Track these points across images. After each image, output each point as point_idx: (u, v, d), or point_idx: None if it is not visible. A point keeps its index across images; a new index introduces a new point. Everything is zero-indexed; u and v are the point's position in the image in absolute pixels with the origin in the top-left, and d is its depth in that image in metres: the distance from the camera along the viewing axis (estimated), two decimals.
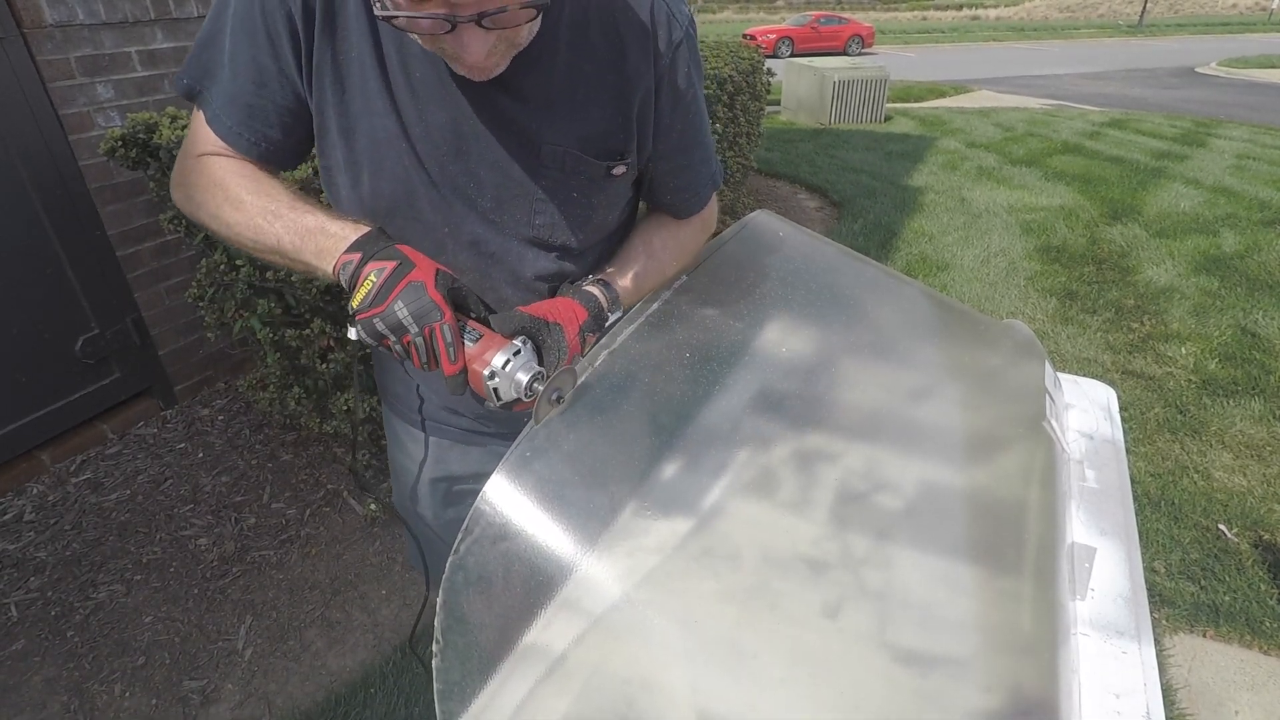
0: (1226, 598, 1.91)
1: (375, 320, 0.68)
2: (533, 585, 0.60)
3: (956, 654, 0.66)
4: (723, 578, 0.69)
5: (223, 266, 1.86)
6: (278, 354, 1.95)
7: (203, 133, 0.78)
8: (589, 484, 0.69)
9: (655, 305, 0.86)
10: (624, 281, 0.86)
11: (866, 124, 8.50)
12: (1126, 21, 34.93)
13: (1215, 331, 3.34)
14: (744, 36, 18.50)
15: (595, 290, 0.83)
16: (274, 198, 0.75)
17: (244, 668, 1.72)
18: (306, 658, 1.75)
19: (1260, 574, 1.99)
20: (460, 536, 0.60)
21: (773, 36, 19.84)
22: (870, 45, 21.56)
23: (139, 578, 1.95)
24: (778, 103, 9.25)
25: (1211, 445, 2.54)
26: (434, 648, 0.56)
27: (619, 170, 0.81)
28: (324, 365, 1.87)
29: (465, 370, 0.70)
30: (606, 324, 0.82)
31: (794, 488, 0.77)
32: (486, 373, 0.70)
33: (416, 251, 0.72)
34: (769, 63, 4.99)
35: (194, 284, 1.96)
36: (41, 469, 2.33)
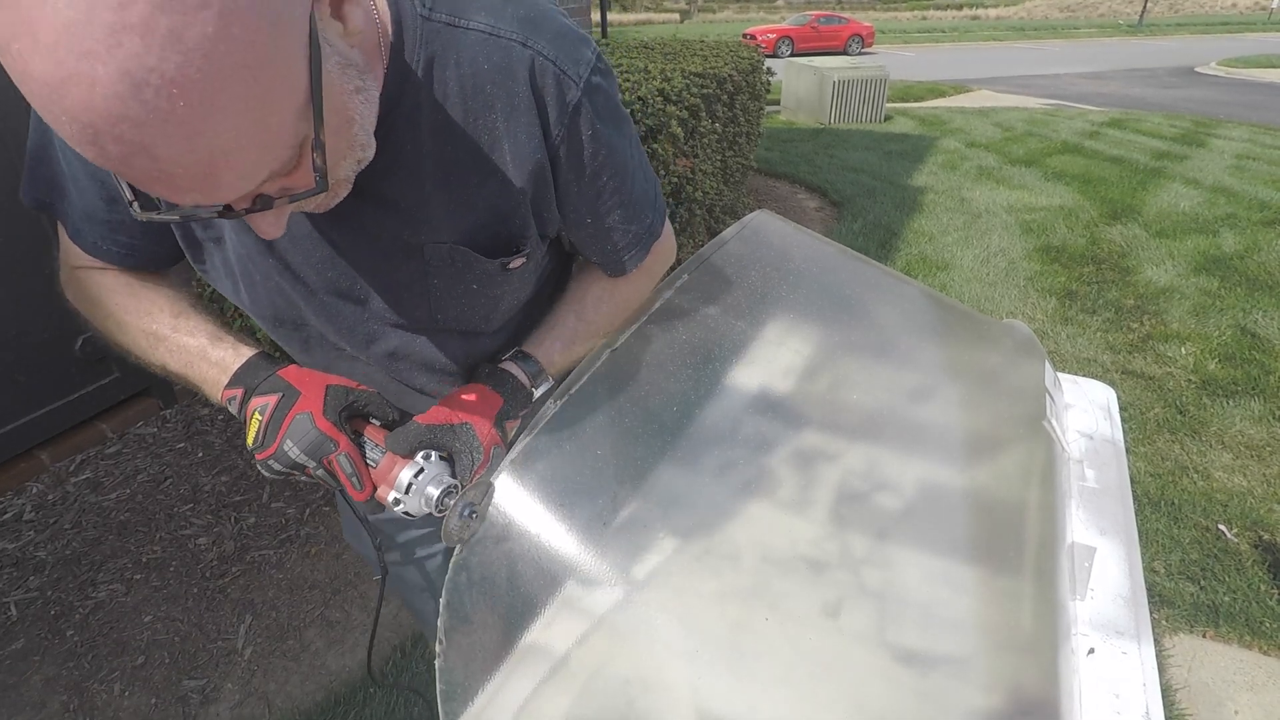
0: (1226, 598, 1.91)
1: (270, 462, 0.64)
2: (535, 585, 0.60)
3: (957, 654, 0.66)
4: (723, 577, 0.69)
5: None
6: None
7: (67, 247, 0.72)
8: (591, 484, 0.69)
9: (656, 305, 0.86)
10: (547, 351, 0.77)
11: (866, 124, 8.50)
12: (1126, 21, 34.95)
13: (1215, 331, 3.34)
14: (744, 36, 18.49)
15: (512, 368, 0.75)
16: (153, 317, 0.70)
17: (244, 667, 1.72)
18: (306, 657, 1.75)
19: (1260, 574, 1.99)
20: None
21: (772, 36, 19.84)
22: (870, 45, 21.57)
23: (138, 577, 1.95)
24: (777, 102, 9.25)
25: (1211, 445, 2.54)
26: (437, 647, 0.56)
27: (515, 264, 0.72)
28: None
29: (373, 498, 0.66)
30: (535, 399, 0.75)
31: (794, 487, 0.77)
32: (391, 498, 0.65)
33: (303, 373, 0.67)
34: (769, 62, 4.98)
35: (193, 283, 1.96)
36: (41, 468, 2.32)
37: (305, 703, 1.63)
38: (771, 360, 0.89)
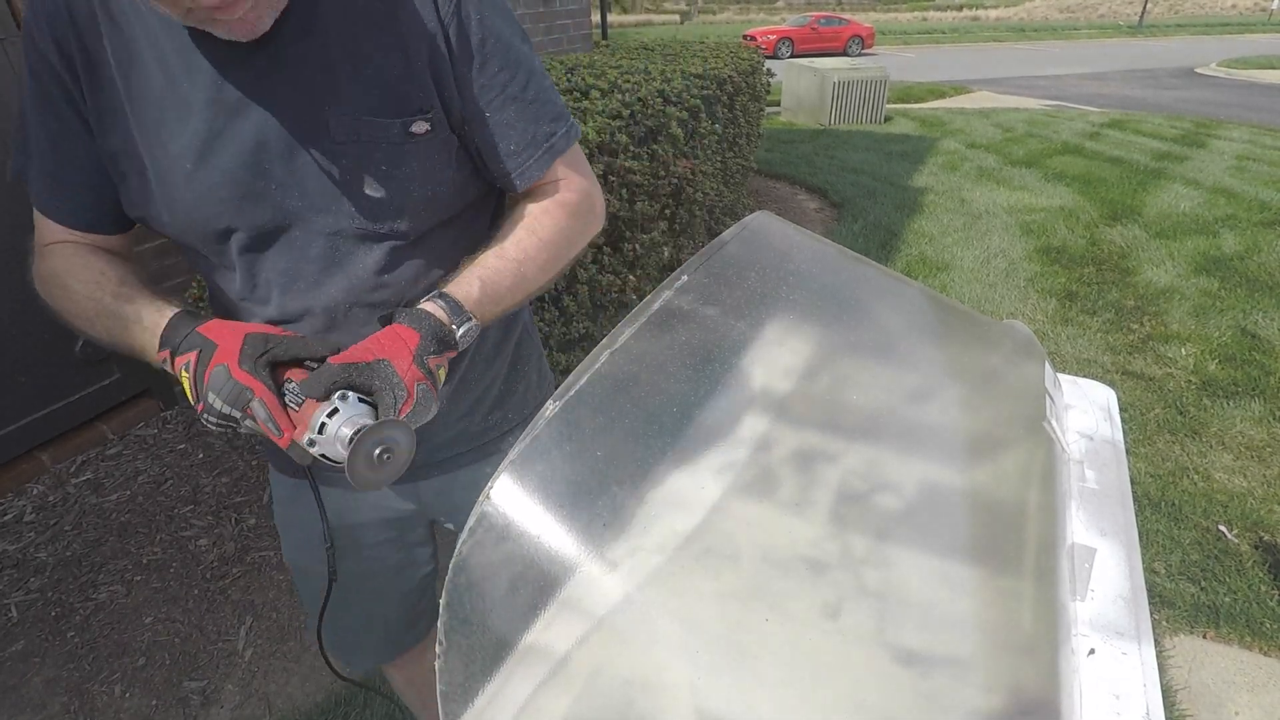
0: (1227, 599, 1.91)
1: (205, 416, 0.65)
2: (534, 586, 0.60)
3: (957, 654, 0.66)
4: (723, 578, 0.69)
5: None
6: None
7: (38, 219, 0.75)
8: (590, 484, 0.69)
9: (656, 305, 0.86)
10: (465, 287, 0.75)
11: (866, 125, 8.51)
12: (1126, 22, 34.96)
13: (1215, 332, 3.34)
14: (744, 37, 18.51)
15: (430, 306, 0.73)
16: (99, 285, 0.72)
17: (244, 668, 1.72)
18: (307, 658, 1.75)
19: (1260, 575, 1.99)
20: (463, 538, 0.61)
21: (773, 37, 19.86)
22: (870, 46, 21.58)
23: (139, 578, 1.96)
24: (777, 103, 9.26)
25: (1211, 446, 2.54)
26: (437, 648, 0.56)
27: (419, 128, 0.72)
28: None
29: (295, 444, 0.65)
30: (458, 337, 0.74)
31: (794, 488, 0.77)
32: (305, 440, 0.63)
33: (222, 325, 0.68)
34: (769, 63, 4.99)
35: (194, 284, 1.96)
36: (42, 469, 2.33)
37: (306, 704, 1.63)
38: (771, 361, 0.89)
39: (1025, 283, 3.94)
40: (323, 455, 0.64)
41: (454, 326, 0.73)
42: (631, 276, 2.58)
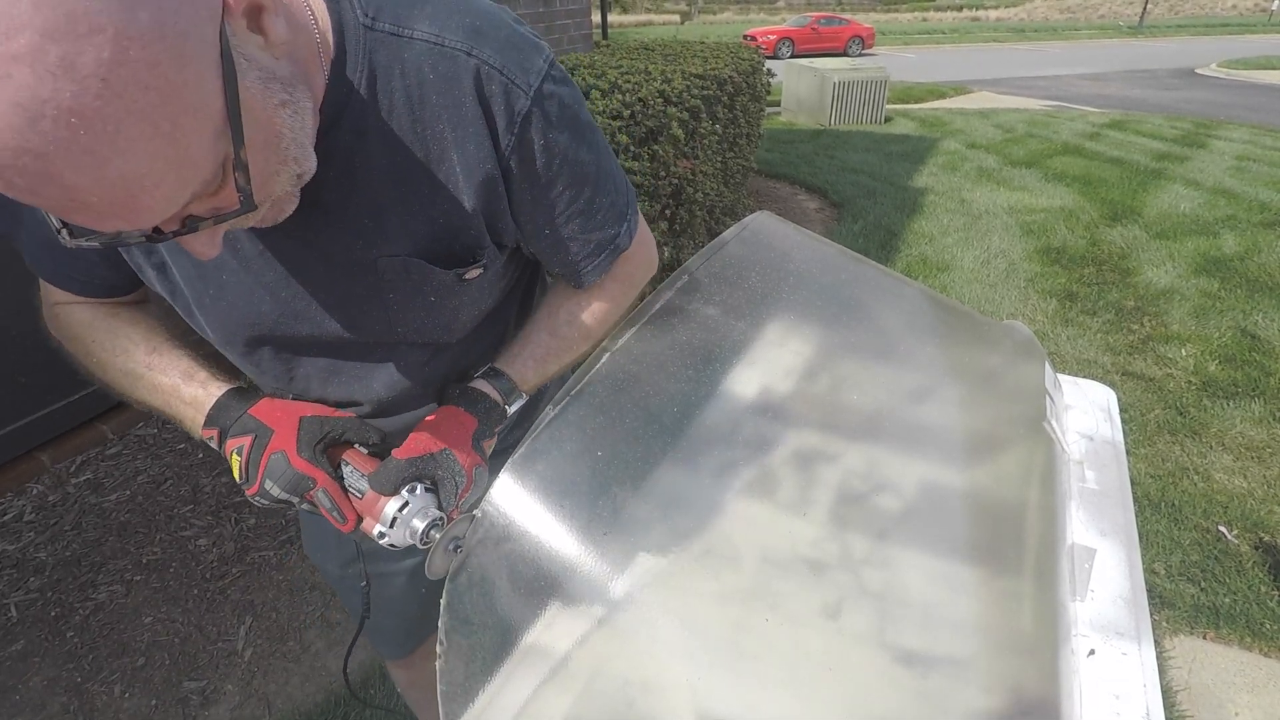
0: (1227, 599, 1.91)
1: (258, 499, 0.65)
2: (535, 586, 0.60)
3: (957, 655, 0.66)
4: (723, 578, 0.69)
5: None
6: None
7: (44, 285, 0.72)
8: (591, 485, 0.69)
9: (656, 305, 0.86)
10: (520, 369, 0.76)
11: (866, 125, 8.51)
12: (1127, 22, 34.97)
13: (1215, 333, 3.34)
14: (744, 37, 18.52)
15: (484, 386, 0.74)
16: (129, 354, 0.70)
17: (244, 668, 1.72)
18: (306, 658, 1.75)
19: (1260, 576, 1.99)
20: (464, 539, 0.61)
21: (773, 37, 19.86)
22: (870, 46, 21.59)
23: (139, 578, 1.95)
24: (778, 104, 9.26)
25: (1212, 447, 2.54)
26: (438, 649, 0.56)
27: (472, 274, 0.70)
28: None
29: (359, 528, 0.67)
30: (508, 415, 0.75)
31: (794, 488, 0.77)
32: (376, 532, 0.65)
33: (274, 406, 0.67)
34: (769, 64, 4.99)
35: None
36: (41, 469, 2.33)
37: (305, 704, 1.63)
38: (771, 361, 0.89)
39: (1025, 283, 3.94)
40: (389, 544, 0.66)
41: (506, 407, 0.74)
42: None
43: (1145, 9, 32.83)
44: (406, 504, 0.65)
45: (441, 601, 0.58)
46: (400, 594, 1.03)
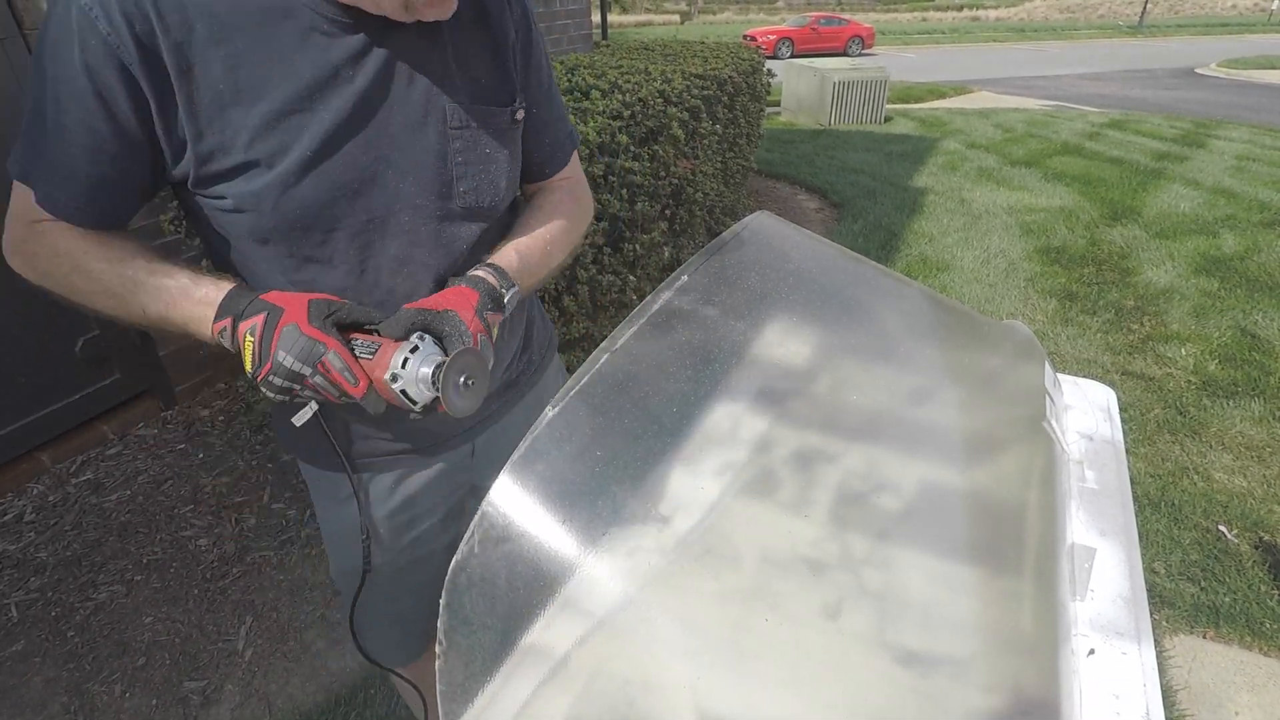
0: (1227, 599, 1.91)
1: (270, 379, 0.68)
2: (534, 586, 0.60)
3: (957, 654, 0.66)
4: (723, 578, 0.69)
5: None
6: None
7: (25, 202, 0.71)
8: (590, 485, 0.69)
9: (656, 305, 0.86)
10: (508, 260, 0.85)
11: (866, 125, 8.51)
12: (1126, 22, 34.97)
13: (1215, 333, 3.34)
14: (744, 37, 18.51)
15: (482, 273, 0.82)
16: (127, 263, 0.72)
17: (244, 668, 1.72)
18: (307, 658, 1.75)
19: (1260, 575, 1.99)
20: (465, 538, 0.61)
21: (773, 37, 19.86)
22: (870, 46, 21.58)
23: (139, 578, 1.96)
24: (778, 104, 9.26)
25: (1211, 446, 2.54)
26: (437, 648, 0.56)
27: (520, 114, 0.85)
28: None
29: (371, 389, 0.69)
30: (505, 301, 0.82)
31: (794, 488, 0.78)
32: (388, 377, 0.68)
33: (284, 293, 0.71)
34: (769, 64, 4.99)
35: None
36: (42, 469, 2.33)
37: (306, 704, 1.63)
38: (771, 361, 0.89)
39: (1025, 283, 3.94)
40: (403, 392, 0.68)
41: (502, 291, 0.81)
42: (632, 276, 2.58)
43: (1145, 9, 32.82)
44: (416, 348, 0.69)
45: (441, 601, 0.58)
46: (425, 583, 1.03)
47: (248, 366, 0.69)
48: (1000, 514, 0.81)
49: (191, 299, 0.72)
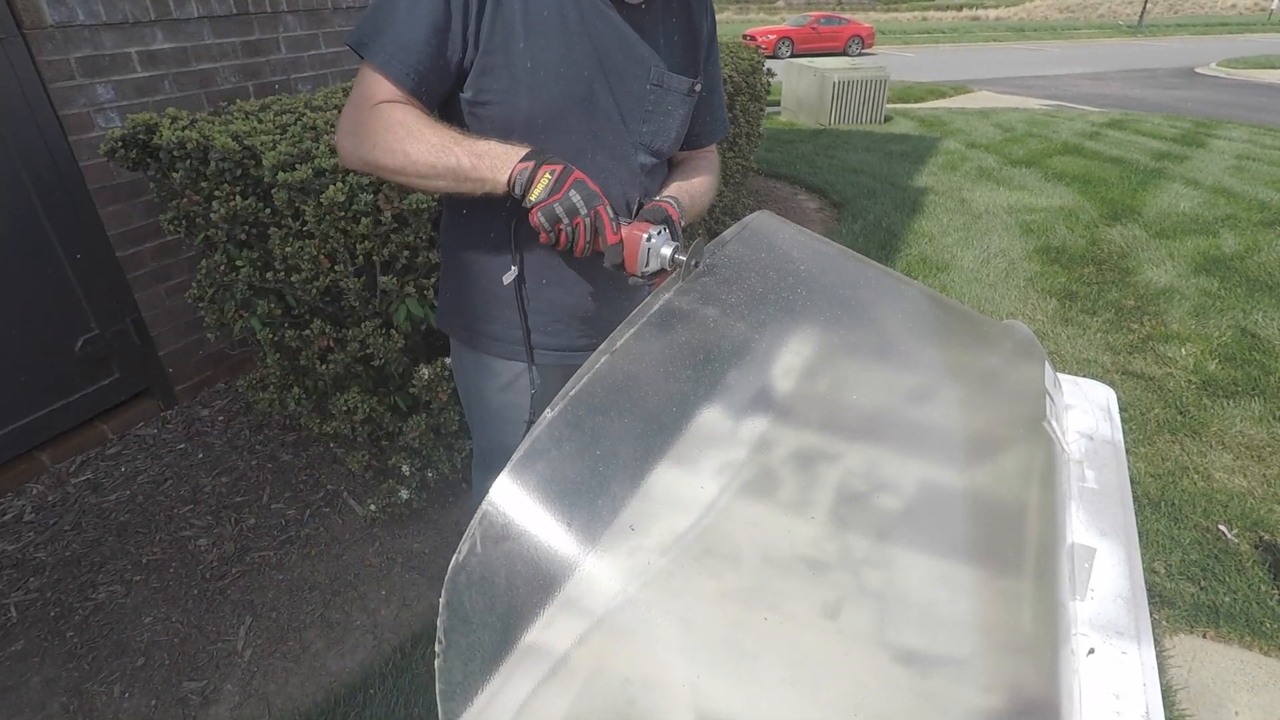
0: (1226, 598, 1.91)
1: (555, 205, 0.90)
2: (535, 585, 0.60)
3: (957, 654, 0.66)
4: (723, 578, 0.69)
5: (222, 267, 1.86)
6: (277, 354, 1.95)
7: (374, 86, 0.95)
8: (591, 484, 0.69)
9: (656, 305, 0.86)
10: (682, 198, 1.11)
11: (866, 124, 8.50)
12: (1126, 22, 34.95)
13: (1215, 332, 3.34)
14: (744, 37, 18.51)
15: (666, 198, 1.08)
16: (448, 132, 0.95)
17: (243, 668, 1.72)
18: (306, 658, 1.75)
19: (1260, 575, 1.99)
20: (464, 537, 0.61)
21: (772, 37, 19.84)
22: (870, 46, 21.57)
23: (138, 578, 1.95)
24: (778, 103, 9.26)
25: (1211, 446, 2.54)
26: (437, 648, 0.56)
27: (698, 88, 1.11)
28: (324, 366, 1.87)
29: (622, 243, 0.94)
30: (679, 224, 1.05)
31: (794, 488, 0.77)
32: (645, 236, 0.93)
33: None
34: (769, 63, 4.98)
35: (194, 284, 1.96)
36: (41, 469, 2.33)
37: (305, 704, 1.63)
38: (771, 361, 0.89)
39: (1025, 283, 3.94)
40: (648, 252, 0.94)
41: (679, 218, 1.05)
42: None
43: (1145, 8, 32.81)
44: (661, 230, 0.96)
45: (441, 600, 0.58)
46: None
47: (533, 195, 0.90)
48: (1000, 514, 0.81)
49: (495, 153, 0.93)
